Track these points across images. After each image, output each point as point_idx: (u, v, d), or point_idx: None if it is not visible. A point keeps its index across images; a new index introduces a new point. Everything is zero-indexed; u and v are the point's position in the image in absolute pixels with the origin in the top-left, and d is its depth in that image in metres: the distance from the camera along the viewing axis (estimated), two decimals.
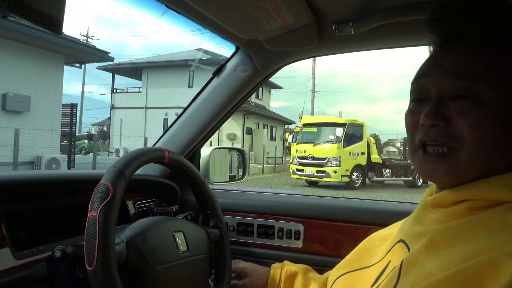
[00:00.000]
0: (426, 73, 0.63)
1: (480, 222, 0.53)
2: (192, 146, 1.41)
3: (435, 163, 0.59)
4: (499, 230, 0.50)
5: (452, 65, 0.59)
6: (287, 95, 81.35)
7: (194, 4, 0.87)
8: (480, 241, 0.50)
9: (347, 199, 1.46)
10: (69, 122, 12.40)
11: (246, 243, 1.37)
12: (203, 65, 18.25)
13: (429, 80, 0.61)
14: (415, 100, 0.65)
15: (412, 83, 0.66)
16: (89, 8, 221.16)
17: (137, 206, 1.27)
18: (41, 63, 10.59)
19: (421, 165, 0.61)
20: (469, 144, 0.56)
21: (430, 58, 0.65)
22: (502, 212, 0.52)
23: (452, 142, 0.57)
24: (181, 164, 0.98)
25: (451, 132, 0.57)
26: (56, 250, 0.77)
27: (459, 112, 0.57)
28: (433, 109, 0.59)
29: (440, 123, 0.58)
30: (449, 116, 0.58)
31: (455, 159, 0.57)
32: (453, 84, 0.58)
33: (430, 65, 0.63)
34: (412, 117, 0.63)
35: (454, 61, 0.60)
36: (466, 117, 0.56)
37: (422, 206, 0.66)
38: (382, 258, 0.70)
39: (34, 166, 10.42)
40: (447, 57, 0.61)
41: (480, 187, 0.56)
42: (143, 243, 0.80)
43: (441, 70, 0.60)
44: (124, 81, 33.14)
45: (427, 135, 0.59)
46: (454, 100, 0.58)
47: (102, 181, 0.75)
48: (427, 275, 0.51)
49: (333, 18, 0.99)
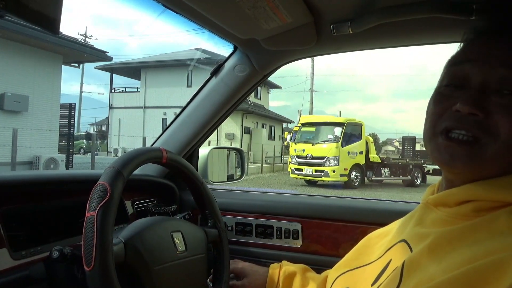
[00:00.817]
0: (472, 59, 0.58)
1: (485, 225, 0.52)
2: (190, 146, 1.41)
3: (458, 150, 0.55)
4: (505, 234, 0.49)
5: (505, 54, 0.56)
6: (285, 95, 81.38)
7: (192, 3, 0.87)
8: (485, 245, 0.49)
9: (345, 199, 1.47)
10: (67, 122, 12.36)
11: (245, 243, 1.37)
12: (202, 64, 18.26)
13: (474, 66, 0.57)
14: (449, 85, 0.60)
15: (450, 66, 0.62)
16: (87, 7, 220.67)
17: (135, 206, 1.27)
18: (39, 62, 10.56)
19: (439, 150, 0.57)
20: (502, 141, 0.53)
21: (475, 45, 0.61)
22: (507, 214, 0.51)
23: (482, 134, 0.54)
24: (179, 164, 0.98)
25: (487, 124, 0.54)
26: (54, 250, 0.77)
27: (503, 106, 0.54)
28: (475, 96, 0.55)
29: (479, 113, 0.54)
30: (489, 108, 0.54)
31: (480, 151, 0.54)
32: (503, 75, 0.55)
33: (477, 51, 0.59)
34: (444, 102, 0.59)
35: (506, 52, 0.56)
36: (509, 113, 0.53)
37: (424, 205, 0.65)
38: (381, 256, 0.69)
39: (33, 166, 10.40)
40: (500, 45, 0.57)
41: (486, 187, 0.55)
42: (141, 243, 0.80)
43: (491, 58, 0.56)
44: (123, 81, 33.17)
45: (459, 122, 0.55)
46: (500, 93, 0.54)
47: (100, 182, 0.75)
48: (429, 278, 0.51)
49: (331, 18, 0.99)
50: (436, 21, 0.91)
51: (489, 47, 0.58)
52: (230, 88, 1.31)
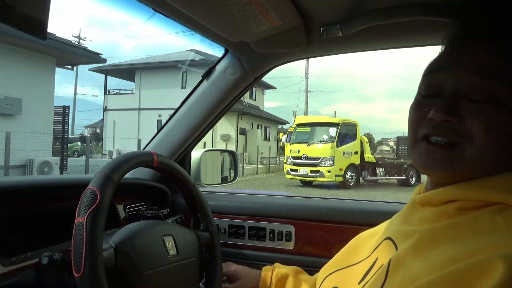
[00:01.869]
0: (443, 67, 0.60)
1: (468, 223, 0.53)
2: (182, 149, 1.41)
3: (438, 153, 0.57)
4: (487, 233, 0.50)
5: (474, 62, 0.57)
6: (281, 95, 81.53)
7: (181, 7, 0.87)
8: (468, 243, 0.49)
9: (338, 200, 1.47)
10: (61, 125, 12.28)
11: (238, 245, 1.37)
12: (196, 66, 18.20)
13: (445, 75, 0.59)
14: (425, 93, 0.62)
15: (424, 75, 0.63)
16: (81, 9, 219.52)
17: (128, 210, 1.27)
18: (32, 65, 10.49)
19: (421, 155, 0.59)
20: (477, 145, 0.54)
21: (448, 52, 0.63)
22: (490, 214, 0.52)
23: (460, 139, 0.56)
24: (171, 168, 0.98)
25: (461, 128, 0.55)
26: (43, 256, 0.76)
27: (474, 111, 0.55)
28: (447, 104, 0.56)
29: (452, 119, 0.56)
30: (462, 113, 0.56)
31: (459, 154, 0.55)
32: (472, 82, 0.56)
33: (448, 59, 0.61)
34: (420, 111, 0.61)
35: (477, 58, 0.57)
36: (480, 118, 0.54)
37: (411, 205, 0.66)
38: (369, 255, 0.70)
39: (26, 170, 10.32)
40: (469, 53, 0.58)
41: (470, 188, 0.56)
42: (131, 248, 0.80)
43: (460, 66, 0.57)
44: (117, 83, 33.08)
45: (435, 129, 0.57)
46: (470, 99, 0.56)
47: (89, 187, 0.75)
48: (414, 277, 0.51)
49: (320, 21, 1.00)
50: (425, 23, 0.91)
51: (459, 54, 0.59)
52: (221, 91, 1.31)
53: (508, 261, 0.43)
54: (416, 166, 0.62)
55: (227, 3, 0.83)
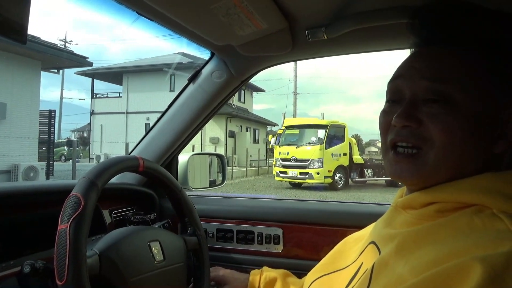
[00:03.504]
0: (401, 75, 0.63)
1: (448, 225, 0.54)
2: (169, 153, 1.40)
3: (404, 164, 0.60)
4: (466, 234, 0.51)
5: (426, 67, 0.60)
6: (269, 98, 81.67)
7: (165, 11, 0.87)
8: (447, 245, 0.50)
9: (325, 202, 1.47)
10: (47, 129, 12.10)
11: (226, 249, 1.36)
12: (184, 68, 18.14)
13: (403, 81, 0.62)
14: (389, 101, 0.65)
15: (388, 84, 0.66)
16: (67, 12, 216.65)
17: (113, 215, 1.25)
18: (16, 69, 10.32)
19: (391, 165, 0.62)
20: (437, 147, 0.57)
21: (406, 59, 0.66)
22: (468, 215, 0.53)
23: (421, 143, 0.58)
24: (157, 172, 0.97)
25: (421, 132, 0.58)
26: (26, 265, 0.74)
27: (431, 114, 0.57)
28: (405, 110, 0.59)
29: (411, 124, 0.59)
30: (421, 118, 0.58)
31: (423, 161, 0.58)
32: (426, 86, 0.59)
33: (406, 66, 0.64)
34: (385, 118, 0.64)
35: (429, 63, 0.60)
36: (437, 120, 0.57)
37: (393, 208, 0.67)
38: (355, 260, 0.70)
39: (11, 175, 10.13)
40: (422, 59, 0.62)
41: (448, 190, 0.57)
42: (116, 255, 0.79)
43: (415, 72, 0.61)
44: (104, 86, 32.75)
45: (398, 135, 0.60)
46: (427, 102, 0.58)
47: (73, 193, 0.73)
48: (397, 279, 0.52)
49: (305, 24, 1.00)
50: None
51: (414, 61, 0.63)
52: (208, 94, 1.30)
53: (486, 264, 0.43)
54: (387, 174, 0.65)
55: (211, 6, 0.83)
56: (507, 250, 0.45)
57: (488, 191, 0.54)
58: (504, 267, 0.43)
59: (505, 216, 0.50)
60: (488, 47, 0.59)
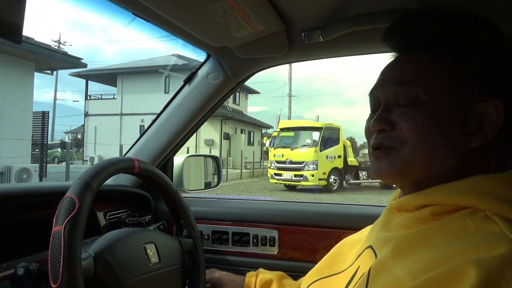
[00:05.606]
0: (377, 85, 0.68)
1: (442, 228, 0.54)
2: (164, 154, 1.40)
3: (380, 160, 0.64)
4: (460, 237, 0.51)
5: (393, 74, 0.66)
6: (264, 100, 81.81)
7: (162, 12, 0.86)
8: (442, 248, 0.50)
9: (321, 204, 1.48)
10: (40, 130, 12.00)
11: (221, 251, 1.36)
12: (179, 70, 18.11)
13: (378, 90, 0.67)
14: (372, 111, 0.70)
15: (368, 95, 0.71)
16: (61, 13, 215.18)
17: (108, 217, 1.24)
18: (9, 70, 10.24)
19: (372, 165, 0.66)
20: (410, 143, 0.60)
21: (381, 71, 0.70)
22: (462, 218, 0.53)
23: (395, 144, 0.62)
24: (152, 174, 0.96)
25: (395, 134, 0.62)
26: (19, 267, 0.74)
27: (401, 115, 0.62)
28: (379, 115, 0.64)
29: (385, 127, 0.63)
30: (394, 120, 0.63)
31: (397, 157, 0.62)
32: (395, 91, 0.63)
33: (380, 77, 0.69)
34: (367, 125, 0.68)
35: (395, 70, 0.66)
36: (407, 120, 0.61)
37: (388, 210, 0.68)
38: (352, 264, 0.70)
39: (4, 177, 10.03)
40: (392, 67, 0.68)
41: (441, 192, 0.57)
42: (111, 257, 0.78)
43: (386, 80, 0.66)
44: (99, 88, 32.59)
45: (376, 139, 0.65)
46: (398, 105, 0.63)
47: (67, 194, 0.73)
48: (394, 282, 0.52)
49: (302, 26, 1.00)
50: None
51: (386, 71, 0.68)
52: (204, 96, 1.30)
53: (480, 267, 0.44)
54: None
55: (208, 8, 0.83)
56: (501, 253, 0.45)
57: (481, 193, 0.54)
58: (498, 270, 0.43)
59: (499, 218, 0.50)
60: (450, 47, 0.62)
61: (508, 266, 0.44)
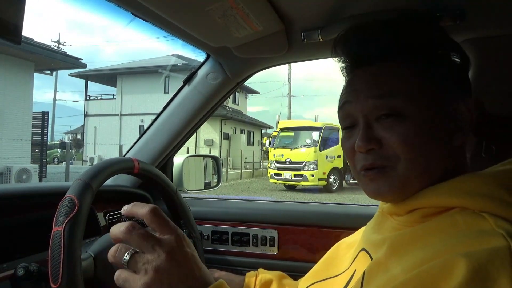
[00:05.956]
0: (347, 100, 0.64)
1: (433, 227, 0.55)
2: (164, 154, 1.40)
3: (377, 180, 0.60)
4: (450, 233, 0.52)
5: (368, 87, 0.62)
6: (264, 100, 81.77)
7: (161, 12, 0.86)
8: (433, 245, 0.51)
9: (321, 204, 1.48)
10: (40, 131, 12.01)
11: (221, 251, 1.36)
12: (179, 70, 18.11)
13: (351, 106, 0.63)
14: (345, 128, 0.66)
15: (338, 112, 0.67)
16: (61, 14, 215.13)
17: (108, 218, 1.24)
18: (9, 70, 10.24)
19: (367, 185, 0.62)
20: (403, 160, 0.58)
21: (346, 85, 0.67)
22: (451, 216, 0.54)
23: (388, 162, 0.59)
24: (152, 174, 0.97)
25: (385, 152, 0.59)
26: (19, 268, 0.74)
27: (386, 129, 0.59)
28: (364, 134, 0.60)
29: (374, 146, 0.60)
30: (378, 137, 0.60)
31: (393, 174, 0.59)
32: (373, 105, 0.60)
33: (348, 91, 0.65)
34: (348, 144, 0.65)
35: (369, 83, 0.62)
36: (393, 133, 0.58)
37: (380, 213, 0.68)
38: (348, 267, 0.70)
39: (4, 177, 10.03)
40: (361, 80, 0.63)
41: (428, 195, 0.58)
42: None
43: (359, 94, 0.62)
44: (98, 88, 32.56)
45: (366, 160, 0.61)
46: (379, 120, 0.60)
47: (67, 194, 0.73)
48: (389, 279, 0.52)
49: (301, 26, 1.00)
50: None
51: (354, 84, 0.64)
52: (203, 96, 1.30)
53: (469, 259, 0.44)
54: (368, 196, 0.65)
55: (207, 8, 0.83)
56: (491, 246, 0.45)
57: (467, 193, 0.55)
58: (488, 260, 0.44)
59: (489, 215, 0.51)
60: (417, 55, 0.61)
61: (497, 256, 0.44)
